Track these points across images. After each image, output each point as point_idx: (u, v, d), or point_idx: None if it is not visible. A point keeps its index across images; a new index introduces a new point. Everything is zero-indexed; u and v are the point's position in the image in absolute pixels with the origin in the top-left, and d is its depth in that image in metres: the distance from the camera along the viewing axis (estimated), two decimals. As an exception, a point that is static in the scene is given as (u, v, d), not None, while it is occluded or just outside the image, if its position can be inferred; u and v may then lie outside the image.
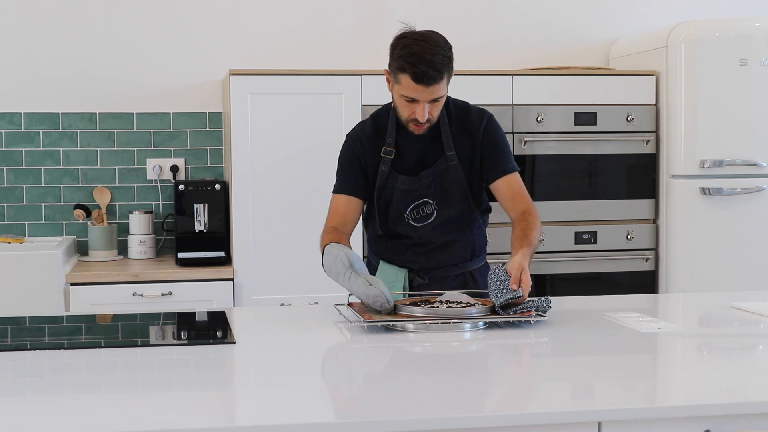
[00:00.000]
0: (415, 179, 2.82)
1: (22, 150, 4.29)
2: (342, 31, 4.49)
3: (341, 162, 2.91)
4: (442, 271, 2.91)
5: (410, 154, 2.84)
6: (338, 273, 2.58)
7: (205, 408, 1.88)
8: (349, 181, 2.85)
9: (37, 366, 2.20)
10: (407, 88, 2.68)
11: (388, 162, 2.83)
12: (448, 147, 2.82)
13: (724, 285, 4.04)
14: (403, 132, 2.83)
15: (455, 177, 2.82)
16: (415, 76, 2.64)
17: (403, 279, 2.89)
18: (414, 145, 2.83)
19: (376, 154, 2.84)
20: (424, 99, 2.68)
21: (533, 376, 2.17)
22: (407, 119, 2.76)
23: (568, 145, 4.13)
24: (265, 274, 3.95)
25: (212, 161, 4.42)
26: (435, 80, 2.64)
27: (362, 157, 2.85)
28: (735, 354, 2.41)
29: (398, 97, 2.75)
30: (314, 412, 1.83)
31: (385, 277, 2.88)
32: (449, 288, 2.84)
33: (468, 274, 2.95)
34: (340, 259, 2.57)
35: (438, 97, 2.69)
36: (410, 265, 2.90)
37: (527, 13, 4.64)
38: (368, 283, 2.51)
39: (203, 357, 2.28)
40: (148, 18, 4.36)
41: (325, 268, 2.64)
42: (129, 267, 4.02)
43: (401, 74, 2.69)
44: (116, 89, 4.34)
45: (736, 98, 4.08)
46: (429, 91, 2.66)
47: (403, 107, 2.75)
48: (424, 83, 2.65)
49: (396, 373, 2.20)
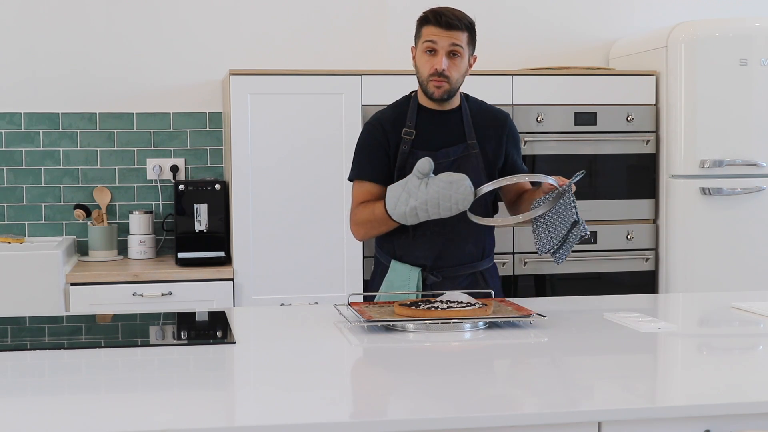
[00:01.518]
0: (435, 154, 2.84)
1: (22, 150, 4.29)
2: (342, 30, 4.49)
3: (361, 147, 2.94)
4: (454, 269, 2.92)
5: (430, 136, 2.89)
6: (411, 191, 2.65)
7: (205, 408, 1.88)
8: (369, 166, 2.90)
9: (37, 366, 2.20)
10: (428, 34, 2.80)
11: (409, 142, 2.88)
12: (470, 135, 2.89)
13: (724, 285, 4.04)
14: (423, 115, 2.90)
15: (475, 166, 2.87)
16: (435, 17, 2.78)
17: (417, 278, 2.88)
18: (434, 128, 2.89)
19: (397, 136, 2.89)
20: (443, 44, 2.78)
21: (533, 376, 2.17)
22: (427, 76, 2.82)
23: (568, 145, 4.13)
24: (265, 274, 3.95)
25: (212, 161, 4.42)
26: (454, 25, 2.77)
27: (383, 141, 2.90)
28: (735, 354, 2.41)
29: (420, 55, 2.84)
30: (314, 412, 1.83)
31: (398, 276, 2.89)
32: (461, 288, 2.86)
33: (479, 274, 2.96)
34: (412, 177, 2.67)
35: (456, 46, 2.79)
36: (423, 262, 2.89)
37: (527, 13, 4.64)
38: (449, 174, 2.63)
39: (203, 357, 2.28)
40: (148, 18, 4.36)
41: (390, 205, 2.72)
42: (129, 267, 4.02)
43: (423, 27, 2.82)
44: (116, 89, 4.34)
45: (736, 98, 4.08)
46: (447, 35, 2.77)
47: (424, 63, 2.83)
48: (441, 25, 2.77)
49: (396, 373, 2.20)
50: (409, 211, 2.69)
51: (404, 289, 2.83)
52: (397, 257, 2.93)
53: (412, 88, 4.16)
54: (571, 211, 2.71)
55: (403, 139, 2.88)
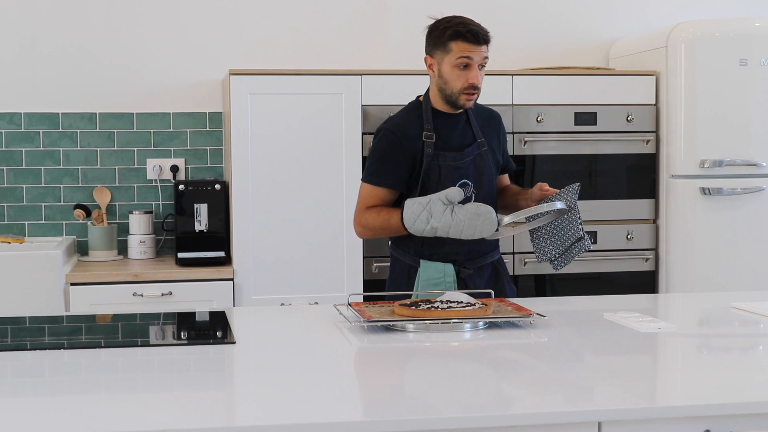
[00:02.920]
0: (460, 154, 2.95)
1: (22, 150, 4.29)
2: (342, 31, 4.49)
3: (382, 153, 2.96)
4: (480, 260, 3.00)
5: (449, 138, 2.97)
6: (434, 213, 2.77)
7: (205, 408, 1.88)
8: (390, 174, 2.94)
9: (37, 366, 2.20)
10: (462, 50, 2.85)
11: (431, 145, 2.93)
12: (478, 134, 3.00)
13: (724, 285, 4.04)
14: (438, 119, 2.97)
15: (487, 162, 2.98)
16: (471, 34, 2.84)
17: (452, 273, 2.95)
18: (449, 131, 2.97)
19: (417, 141, 2.94)
20: (477, 59, 2.86)
21: (533, 376, 2.17)
22: (461, 89, 2.89)
23: (568, 145, 4.13)
24: (265, 274, 3.95)
25: (212, 161, 4.42)
26: (486, 39, 2.87)
27: (404, 147, 2.93)
28: (735, 354, 2.41)
29: (451, 69, 2.88)
30: (314, 412, 1.83)
31: (432, 275, 2.95)
32: (486, 278, 2.99)
33: (498, 263, 3.08)
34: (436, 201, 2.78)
35: (486, 59, 2.89)
36: (454, 257, 2.95)
37: (527, 13, 4.64)
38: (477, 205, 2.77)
39: (203, 357, 2.28)
40: (148, 18, 4.36)
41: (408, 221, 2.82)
42: (129, 267, 4.02)
43: (453, 42, 2.86)
44: (116, 89, 4.34)
45: (736, 98, 4.08)
46: (480, 50, 2.86)
47: (456, 77, 2.88)
48: (478, 41, 2.85)
49: (395, 373, 2.20)
50: (428, 230, 2.80)
51: (442, 285, 2.92)
52: (425, 256, 2.97)
53: (412, 88, 4.16)
54: (577, 227, 2.81)
55: (425, 143, 2.93)
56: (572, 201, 2.82)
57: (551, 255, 2.87)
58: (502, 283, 3.04)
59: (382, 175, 2.95)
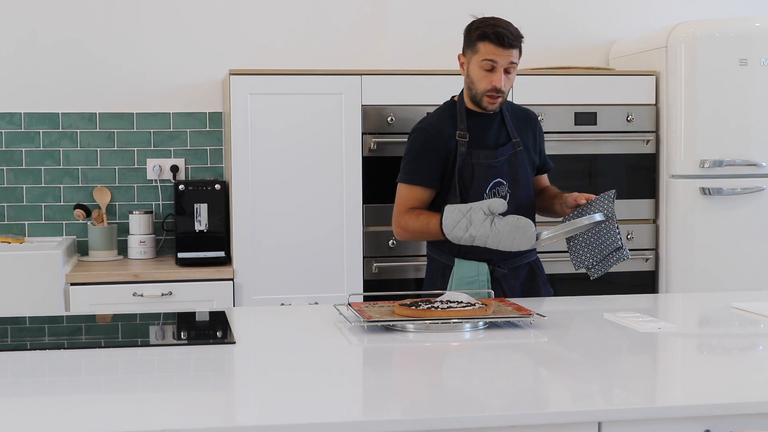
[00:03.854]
0: (494, 152, 2.97)
1: (22, 150, 4.29)
2: (341, 30, 4.49)
3: (416, 152, 3.00)
4: (516, 260, 3.01)
5: (482, 138, 2.99)
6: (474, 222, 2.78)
7: (205, 408, 1.88)
8: (427, 172, 2.97)
9: (37, 366, 2.20)
10: (487, 52, 2.88)
11: (465, 144, 2.96)
12: (513, 134, 3.01)
13: (724, 285, 4.04)
14: (472, 118, 2.99)
15: (522, 162, 3.00)
16: (497, 36, 2.86)
17: (486, 272, 2.97)
18: (483, 130, 2.98)
19: (450, 140, 2.97)
20: (502, 63, 2.88)
21: (533, 376, 2.17)
22: (484, 91, 2.91)
23: (568, 145, 4.13)
24: (265, 274, 3.95)
25: (212, 161, 4.42)
26: (512, 44, 2.87)
27: (441, 143, 2.97)
28: (735, 354, 2.41)
29: (477, 69, 2.91)
30: (314, 412, 1.83)
31: (466, 273, 2.97)
32: (522, 278, 3.01)
33: (534, 264, 3.08)
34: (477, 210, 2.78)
35: (513, 64, 2.90)
36: (488, 256, 2.96)
37: (527, 13, 4.63)
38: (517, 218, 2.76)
39: (203, 357, 2.28)
40: (148, 18, 4.36)
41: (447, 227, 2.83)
42: (129, 267, 4.02)
43: (481, 42, 2.89)
44: (116, 89, 4.34)
45: (736, 98, 4.08)
46: (507, 54, 2.87)
47: (481, 78, 2.91)
48: (503, 45, 2.86)
49: (396, 373, 2.20)
50: (467, 238, 2.81)
51: (476, 284, 2.95)
52: (461, 255, 2.99)
53: (412, 88, 4.17)
54: (615, 237, 2.81)
55: (458, 142, 2.97)
56: (610, 210, 2.82)
57: (588, 263, 2.87)
58: (538, 285, 3.05)
59: (417, 174, 2.98)
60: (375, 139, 3.97)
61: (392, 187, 3.28)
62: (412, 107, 3.93)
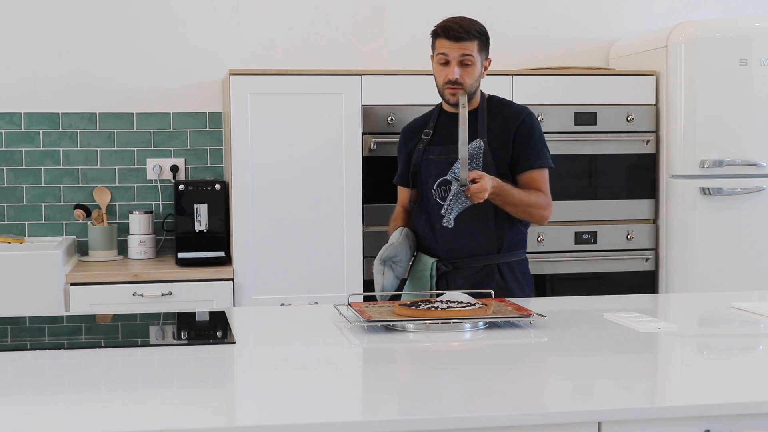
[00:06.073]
0: (443, 149, 3.05)
1: (22, 150, 4.29)
2: (341, 31, 4.49)
3: (397, 153, 3.26)
4: (467, 261, 3.04)
5: (446, 134, 3.06)
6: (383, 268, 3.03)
7: (205, 408, 1.88)
8: (400, 172, 3.22)
9: (37, 366, 2.20)
10: (440, 47, 2.99)
11: (425, 141, 3.11)
12: (481, 133, 3.03)
13: (724, 285, 4.04)
14: (443, 118, 3.11)
15: (483, 162, 2.98)
16: (444, 31, 2.97)
17: (431, 267, 3.05)
18: (451, 128, 3.01)
19: (418, 137, 3.16)
20: (453, 55, 2.96)
21: (533, 376, 2.17)
22: (442, 84, 3.01)
23: (568, 145, 4.13)
24: (265, 274, 3.95)
25: (212, 161, 4.42)
26: (460, 37, 2.95)
27: (408, 145, 3.16)
28: (735, 354, 2.41)
29: (435, 65, 3.03)
30: (314, 412, 1.83)
31: (418, 267, 3.11)
32: (473, 279, 3.01)
33: (495, 267, 3.05)
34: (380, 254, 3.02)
35: (467, 56, 2.96)
36: (438, 253, 3.07)
37: (527, 13, 4.64)
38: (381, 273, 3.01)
39: (203, 357, 2.28)
40: (148, 18, 4.36)
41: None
42: (129, 267, 4.02)
43: (435, 40, 3.01)
44: (116, 89, 4.34)
45: (736, 98, 4.08)
46: (457, 47, 2.95)
47: (439, 73, 3.02)
48: (450, 38, 2.95)
49: (395, 373, 2.20)
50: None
51: (424, 278, 3.06)
52: (422, 249, 3.14)
53: (412, 88, 4.18)
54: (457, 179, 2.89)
55: (422, 139, 3.12)
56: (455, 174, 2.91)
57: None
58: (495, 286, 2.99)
59: (397, 174, 3.24)
60: (375, 139, 3.97)
61: (392, 187, 3.30)
62: (412, 107, 3.92)
